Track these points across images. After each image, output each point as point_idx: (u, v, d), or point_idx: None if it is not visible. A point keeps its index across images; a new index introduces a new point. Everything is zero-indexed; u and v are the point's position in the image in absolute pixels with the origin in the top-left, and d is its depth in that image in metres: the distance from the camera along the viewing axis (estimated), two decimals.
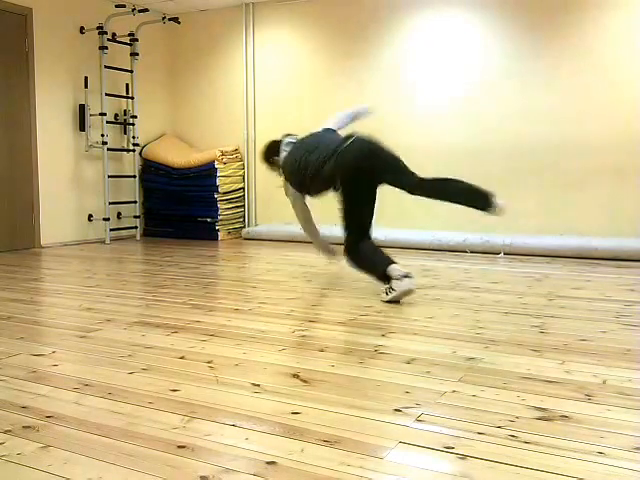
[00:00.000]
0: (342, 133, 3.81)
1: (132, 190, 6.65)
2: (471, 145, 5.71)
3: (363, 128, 6.16)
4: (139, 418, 1.71)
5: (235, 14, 6.75)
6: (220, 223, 6.47)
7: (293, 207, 3.94)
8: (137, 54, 6.47)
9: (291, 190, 3.84)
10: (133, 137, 6.55)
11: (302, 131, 6.43)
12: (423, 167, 5.98)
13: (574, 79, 5.29)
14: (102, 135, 6.16)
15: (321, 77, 6.36)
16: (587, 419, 1.69)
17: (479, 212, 3.27)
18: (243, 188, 6.82)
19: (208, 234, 6.44)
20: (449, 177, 3.39)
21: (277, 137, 4.10)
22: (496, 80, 5.58)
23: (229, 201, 6.60)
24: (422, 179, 3.38)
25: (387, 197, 6.16)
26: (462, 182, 3.32)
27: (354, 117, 4.10)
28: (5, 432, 1.62)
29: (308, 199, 3.90)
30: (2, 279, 4.06)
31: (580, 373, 2.09)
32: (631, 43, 5.07)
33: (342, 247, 3.57)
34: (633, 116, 5.10)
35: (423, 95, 5.89)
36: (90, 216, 6.28)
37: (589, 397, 1.86)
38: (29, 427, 1.65)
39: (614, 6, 5.11)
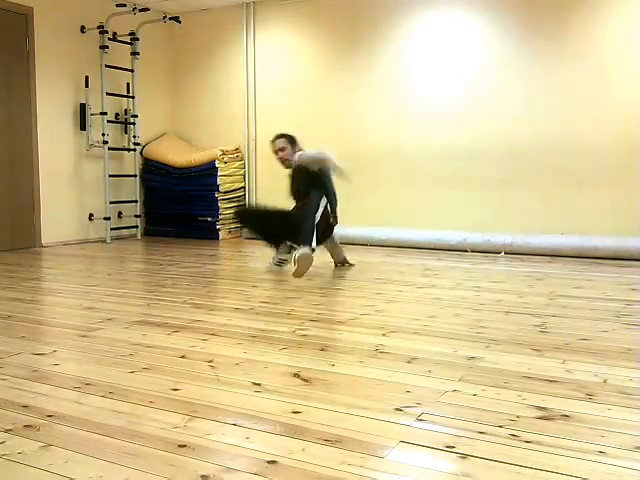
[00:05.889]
0: None
1: (133, 189, 6.65)
2: (472, 145, 5.71)
3: (362, 129, 6.19)
4: (140, 417, 1.71)
5: (236, 13, 6.75)
6: (221, 222, 6.47)
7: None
8: (138, 53, 6.47)
9: None
10: (134, 136, 6.55)
11: (301, 130, 6.46)
12: (423, 167, 6.01)
13: (575, 79, 5.28)
14: (103, 134, 6.16)
15: (321, 76, 6.36)
16: (588, 418, 1.69)
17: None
18: (244, 187, 6.82)
19: (209, 233, 6.45)
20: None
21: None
22: (497, 80, 5.57)
23: (230, 200, 6.60)
24: None
25: (387, 197, 6.18)
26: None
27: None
28: (6, 431, 1.62)
29: None
30: (3, 278, 4.06)
31: (581, 372, 2.09)
32: (632, 43, 5.06)
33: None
34: (634, 115, 5.09)
35: (423, 95, 5.88)
36: (91, 215, 6.28)
37: (590, 396, 1.86)
38: (30, 426, 1.65)
39: (613, 6, 5.10)
